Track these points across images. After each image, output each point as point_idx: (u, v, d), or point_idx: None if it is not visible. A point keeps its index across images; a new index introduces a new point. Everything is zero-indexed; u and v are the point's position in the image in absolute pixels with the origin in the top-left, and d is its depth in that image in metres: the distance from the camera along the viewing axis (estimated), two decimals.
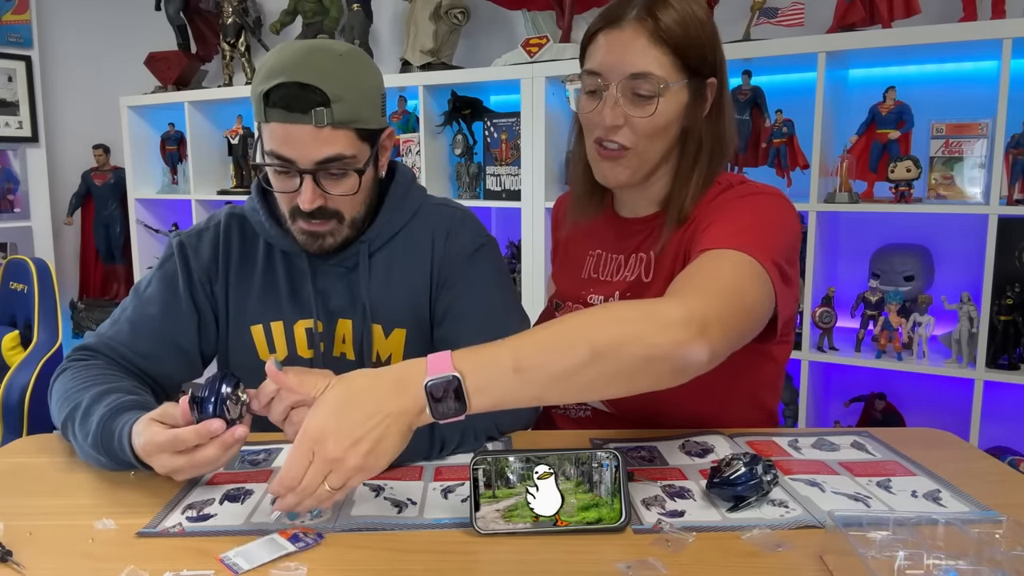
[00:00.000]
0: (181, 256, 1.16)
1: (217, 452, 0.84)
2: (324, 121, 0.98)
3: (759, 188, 1.09)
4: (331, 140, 1.00)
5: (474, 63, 2.80)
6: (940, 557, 0.66)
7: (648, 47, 1.01)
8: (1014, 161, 1.88)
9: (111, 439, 0.91)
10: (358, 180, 1.04)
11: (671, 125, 1.05)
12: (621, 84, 1.02)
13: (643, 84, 1.01)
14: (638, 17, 1.01)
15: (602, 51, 1.04)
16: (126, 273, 3.56)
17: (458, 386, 0.73)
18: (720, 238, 0.95)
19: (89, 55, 3.56)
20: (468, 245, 1.17)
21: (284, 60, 0.99)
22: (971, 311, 1.95)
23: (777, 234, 0.99)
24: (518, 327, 1.13)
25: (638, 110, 1.02)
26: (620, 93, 1.02)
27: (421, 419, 0.74)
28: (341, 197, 1.05)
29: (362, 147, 1.04)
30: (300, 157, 1.00)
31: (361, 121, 1.02)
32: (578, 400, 0.80)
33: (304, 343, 1.15)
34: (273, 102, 0.98)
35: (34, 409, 2.23)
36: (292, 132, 0.99)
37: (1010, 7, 1.90)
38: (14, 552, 0.74)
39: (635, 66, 1.01)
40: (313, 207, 1.03)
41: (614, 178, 1.09)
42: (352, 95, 1.00)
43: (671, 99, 1.03)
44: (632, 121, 1.03)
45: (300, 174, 1.02)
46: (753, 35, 2.19)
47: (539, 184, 2.46)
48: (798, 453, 0.99)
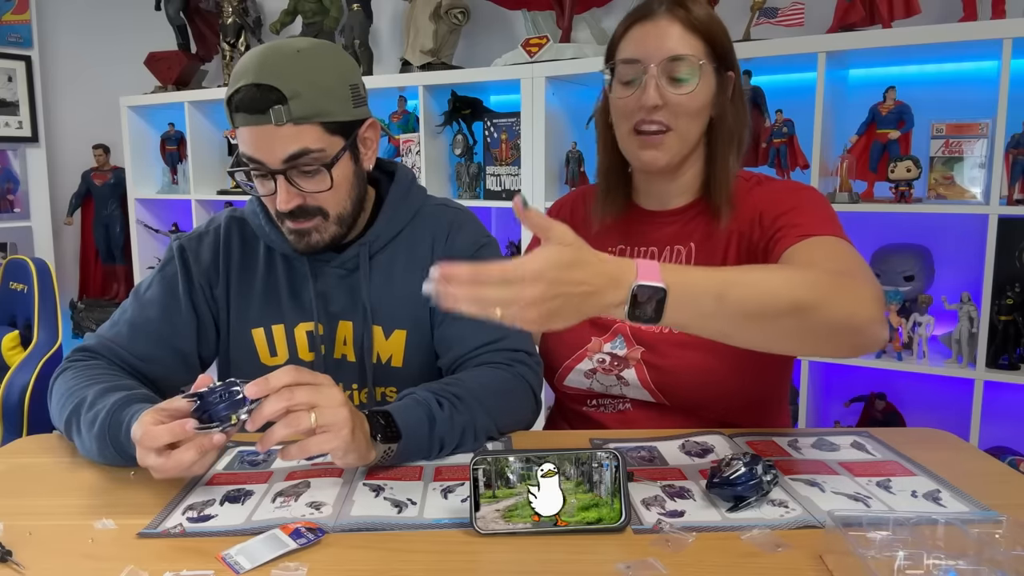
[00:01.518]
0: (181, 259, 1.16)
1: (192, 456, 0.82)
2: (283, 119, 0.98)
3: (798, 184, 1.16)
4: (295, 136, 0.99)
5: (474, 63, 2.80)
6: (940, 557, 0.66)
7: (683, 33, 1.08)
8: (1014, 161, 1.88)
9: (118, 429, 0.91)
10: (329, 176, 1.03)
11: (705, 108, 1.11)
12: (661, 66, 1.08)
13: (681, 66, 1.07)
14: (669, 8, 1.09)
15: (637, 41, 1.10)
16: (126, 273, 3.56)
17: (662, 296, 0.75)
18: (815, 224, 1.01)
19: (89, 55, 3.56)
20: (469, 246, 1.17)
21: (244, 64, 1.00)
22: (971, 311, 1.95)
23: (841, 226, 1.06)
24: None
25: (678, 89, 1.08)
26: (661, 74, 1.08)
27: (611, 313, 0.76)
28: (320, 194, 1.04)
29: (332, 140, 1.03)
30: (268, 158, 1.00)
31: (325, 114, 1.01)
32: (751, 346, 0.87)
33: (305, 346, 1.15)
34: (236, 106, 1.00)
35: (34, 409, 2.23)
36: (256, 134, 1.00)
37: (1010, 7, 1.90)
38: (14, 552, 0.74)
39: (673, 50, 1.08)
40: (290, 207, 1.03)
41: (654, 162, 1.12)
42: (310, 90, 0.99)
43: (705, 82, 1.09)
44: (672, 101, 1.08)
45: (273, 176, 1.02)
46: (753, 35, 2.19)
47: (539, 184, 2.46)
48: (798, 453, 0.99)
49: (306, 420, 0.82)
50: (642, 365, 1.14)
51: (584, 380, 1.20)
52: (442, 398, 0.97)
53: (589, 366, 1.19)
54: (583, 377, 1.20)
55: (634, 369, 1.15)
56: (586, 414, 1.22)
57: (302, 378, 0.83)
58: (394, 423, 0.91)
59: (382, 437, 0.90)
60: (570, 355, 1.20)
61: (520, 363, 1.10)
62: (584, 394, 1.21)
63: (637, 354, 1.14)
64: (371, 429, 0.89)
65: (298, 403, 0.82)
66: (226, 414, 0.82)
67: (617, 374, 1.16)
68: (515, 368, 1.09)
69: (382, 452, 0.91)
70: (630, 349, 1.15)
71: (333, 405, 0.83)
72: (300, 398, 0.82)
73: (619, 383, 1.16)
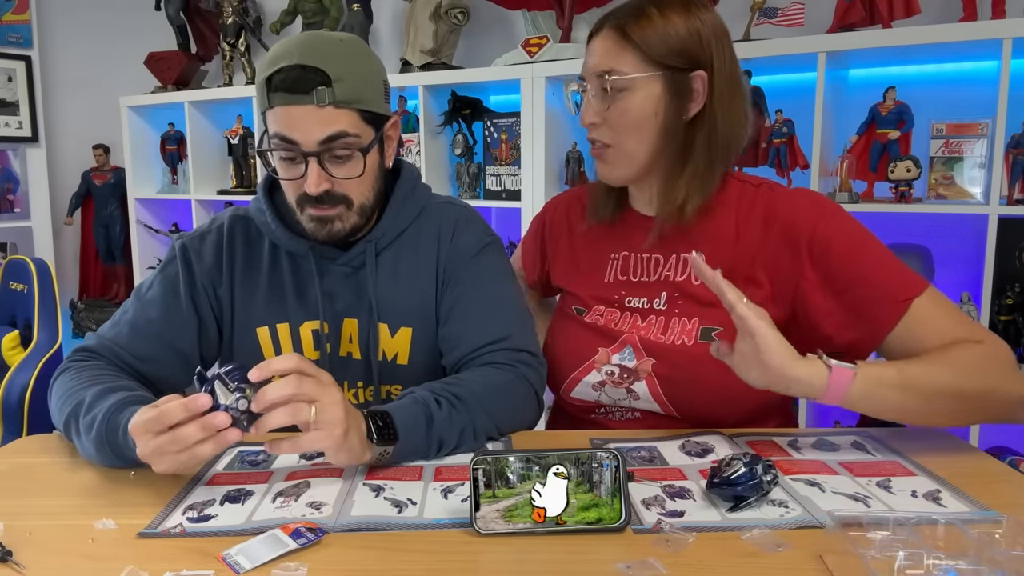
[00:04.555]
0: (183, 259, 1.16)
1: (195, 431, 0.80)
2: (326, 100, 0.99)
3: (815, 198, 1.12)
4: (334, 119, 1.01)
5: (474, 63, 2.80)
6: (940, 557, 0.66)
7: (614, 47, 1.07)
8: (1014, 161, 1.88)
9: (115, 433, 0.90)
10: (363, 161, 1.04)
11: (647, 119, 1.08)
12: (592, 83, 1.09)
13: (610, 80, 1.07)
14: (610, 24, 1.09)
15: (585, 58, 1.12)
16: (126, 273, 3.56)
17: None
18: (898, 281, 1.02)
19: (89, 55, 3.56)
20: (474, 244, 1.17)
21: (286, 47, 1.02)
22: (971, 311, 1.95)
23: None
24: (520, 324, 1.14)
25: (608, 106, 1.08)
26: (592, 92, 1.09)
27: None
28: (348, 181, 1.05)
29: (366, 129, 1.05)
30: (304, 138, 1.01)
31: (363, 102, 1.03)
32: (912, 422, 1.01)
33: (310, 344, 1.15)
34: (275, 86, 1.00)
35: (34, 409, 2.23)
36: (295, 113, 1.00)
37: (1010, 7, 1.90)
38: (14, 552, 0.74)
39: (600, 65, 1.08)
40: (320, 191, 1.03)
41: (606, 175, 1.14)
42: (353, 76, 1.01)
43: (639, 93, 1.07)
44: (608, 116, 1.09)
45: (305, 158, 1.02)
46: (753, 35, 2.19)
47: (539, 184, 2.46)
48: (798, 453, 0.99)
49: (306, 412, 0.82)
50: (654, 378, 1.11)
51: (592, 392, 1.17)
52: (441, 398, 0.97)
53: (597, 378, 1.16)
54: (591, 390, 1.17)
55: (645, 382, 1.12)
56: (592, 420, 1.20)
57: (306, 368, 0.84)
58: (392, 425, 0.91)
59: (379, 440, 0.90)
60: (577, 366, 1.17)
61: (524, 364, 1.10)
62: (592, 405, 1.19)
63: (648, 366, 1.11)
64: (369, 430, 0.89)
65: (302, 394, 0.82)
66: (233, 396, 0.81)
67: (627, 387, 1.13)
68: (519, 369, 1.09)
69: (378, 454, 0.91)
70: (640, 361, 1.12)
71: (332, 403, 0.84)
72: (306, 389, 0.82)
73: (629, 396, 1.14)
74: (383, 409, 0.93)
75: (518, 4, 2.64)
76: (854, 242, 1.05)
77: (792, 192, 1.14)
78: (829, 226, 1.05)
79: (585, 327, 1.19)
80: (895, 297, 1.00)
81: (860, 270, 1.03)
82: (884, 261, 1.04)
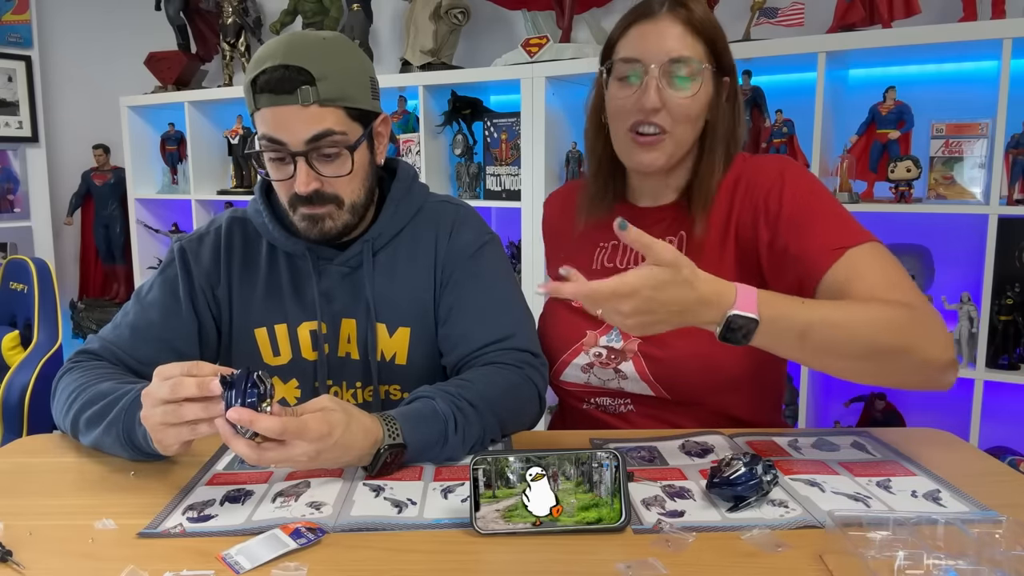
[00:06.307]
0: (182, 261, 1.16)
1: (196, 410, 0.82)
2: (310, 99, 1.00)
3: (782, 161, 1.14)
4: (319, 117, 1.01)
5: (474, 63, 2.80)
6: (940, 557, 0.66)
7: (684, 34, 1.08)
8: (1014, 161, 1.88)
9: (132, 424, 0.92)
10: (351, 159, 1.04)
11: (703, 111, 1.11)
12: (662, 67, 1.07)
13: (682, 68, 1.07)
14: (671, 8, 1.08)
15: (637, 40, 1.10)
16: (126, 273, 3.56)
17: (754, 327, 0.83)
18: (842, 232, 1.01)
19: (89, 55, 3.56)
20: (472, 242, 1.17)
21: (270, 48, 1.02)
22: (971, 311, 1.95)
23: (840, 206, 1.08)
24: (522, 323, 1.14)
25: (678, 92, 1.07)
26: (661, 75, 1.07)
27: (706, 327, 0.85)
28: (337, 179, 1.05)
29: (352, 126, 1.05)
30: (290, 138, 1.01)
31: (349, 99, 1.03)
32: (817, 367, 0.96)
33: (308, 345, 1.15)
34: (260, 87, 1.00)
35: (34, 409, 2.24)
36: (280, 114, 1.01)
37: (1010, 7, 1.90)
38: (14, 552, 0.74)
39: (674, 51, 1.07)
40: (309, 190, 1.03)
41: (651, 163, 1.12)
42: (337, 74, 1.02)
43: (705, 85, 1.09)
44: (671, 104, 1.08)
45: (293, 158, 1.02)
46: (753, 35, 2.19)
47: (539, 184, 2.46)
48: (798, 453, 0.99)
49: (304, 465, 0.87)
50: (640, 357, 1.14)
51: (581, 375, 1.19)
52: (458, 412, 0.96)
53: (586, 360, 1.18)
54: (580, 372, 1.19)
55: (632, 362, 1.14)
56: (588, 413, 1.21)
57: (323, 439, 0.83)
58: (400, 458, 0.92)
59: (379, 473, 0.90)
60: (566, 349, 1.20)
61: (528, 364, 1.10)
62: (583, 390, 1.21)
63: (634, 346, 1.14)
64: (374, 462, 0.89)
65: (296, 460, 0.84)
66: (251, 402, 0.81)
67: (615, 367, 1.16)
68: (524, 370, 1.09)
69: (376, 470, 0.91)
70: (626, 341, 1.15)
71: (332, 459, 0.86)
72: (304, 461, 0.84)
73: (617, 376, 1.16)
74: (400, 443, 0.91)
75: (518, 4, 2.64)
76: (803, 200, 1.07)
77: (761, 159, 1.18)
78: (786, 188, 1.08)
79: (573, 311, 1.21)
80: (830, 245, 1.00)
81: (804, 223, 1.04)
82: (830, 215, 1.05)
